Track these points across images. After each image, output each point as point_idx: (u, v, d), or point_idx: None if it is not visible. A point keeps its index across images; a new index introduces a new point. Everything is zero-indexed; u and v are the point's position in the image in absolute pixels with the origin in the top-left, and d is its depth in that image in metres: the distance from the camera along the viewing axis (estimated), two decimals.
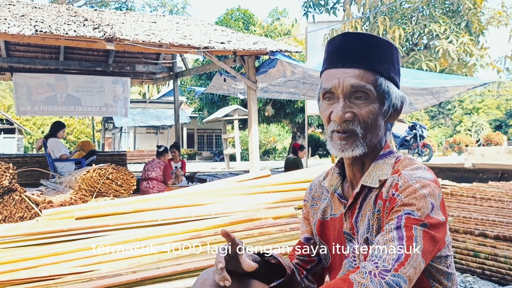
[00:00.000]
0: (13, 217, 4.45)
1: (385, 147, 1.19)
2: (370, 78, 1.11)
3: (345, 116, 1.10)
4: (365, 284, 0.94)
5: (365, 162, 1.18)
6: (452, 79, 7.76)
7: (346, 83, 1.10)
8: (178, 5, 20.18)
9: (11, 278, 2.36)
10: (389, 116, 1.17)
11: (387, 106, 1.14)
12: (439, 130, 38.02)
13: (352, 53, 1.12)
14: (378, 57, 1.13)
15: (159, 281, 2.19)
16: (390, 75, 1.14)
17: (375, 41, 1.14)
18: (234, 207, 3.46)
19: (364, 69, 1.11)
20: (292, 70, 6.66)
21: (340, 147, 1.13)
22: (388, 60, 1.14)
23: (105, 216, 3.21)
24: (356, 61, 1.11)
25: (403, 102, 1.17)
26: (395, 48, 1.18)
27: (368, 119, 1.11)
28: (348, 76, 1.10)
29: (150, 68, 9.63)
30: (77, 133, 31.10)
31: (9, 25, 4.96)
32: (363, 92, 1.10)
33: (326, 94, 1.15)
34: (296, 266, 1.33)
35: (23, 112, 9.31)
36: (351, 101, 1.11)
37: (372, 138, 1.13)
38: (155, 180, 6.64)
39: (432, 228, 1.02)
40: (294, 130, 23.28)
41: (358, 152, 1.12)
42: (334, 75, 1.12)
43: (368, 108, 1.11)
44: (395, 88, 1.15)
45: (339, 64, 1.12)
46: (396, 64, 1.17)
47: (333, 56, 1.15)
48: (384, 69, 1.13)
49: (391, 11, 10.82)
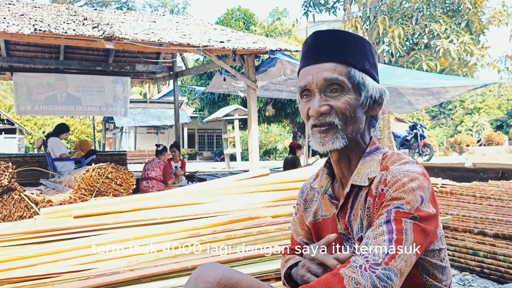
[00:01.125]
0: (12, 216, 4.45)
1: (371, 143, 1.18)
2: (343, 70, 1.11)
3: (321, 109, 1.11)
4: (356, 278, 0.94)
5: (351, 159, 1.17)
6: (452, 80, 7.75)
7: (320, 77, 1.11)
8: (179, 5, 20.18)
9: (8, 276, 2.35)
10: (369, 108, 1.16)
11: (364, 97, 1.13)
12: (440, 130, 37.96)
13: (323, 49, 1.13)
14: (351, 50, 1.13)
15: (157, 279, 2.18)
16: (365, 67, 1.14)
17: (346, 36, 1.15)
18: (232, 205, 3.45)
19: (336, 62, 1.12)
20: (292, 69, 6.65)
21: (320, 140, 1.13)
22: (361, 53, 1.14)
23: (103, 214, 3.20)
24: (328, 56, 1.12)
25: (382, 94, 1.17)
26: (367, 42, 1.18)
27: (346, 110, 1.11)
28: (320, 70, 1.12)
29: (150, 67, 9.62)
30: (78, 133, 31.12)
31: (8, 24, 4.95)
32: (337, 84, 1.11)
33: (304, 92, 1.16)
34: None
35: (23, 112, 9.32)
36: (326, 94, 1.12)
37: (353, 130, 1.13)
38: (154, 179, 6.64)
39: (422, 220, 1.01)
40: (295, 130, 23.27)
41: (339, 145, 1.12)
42: (308, 72, 1.14)
43: (344, 99, 1.11)
44: (371, 80, 1.15)
45: (311, 61, 1.14)
46: (370, 57, 1.17)
47: (307, 54, 1.16)
48: (357, 61, 1.13)
49: (391, 11, 10.81)
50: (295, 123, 22.26)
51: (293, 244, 1.39)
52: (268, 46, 6.23)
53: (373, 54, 1.19)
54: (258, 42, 6.50)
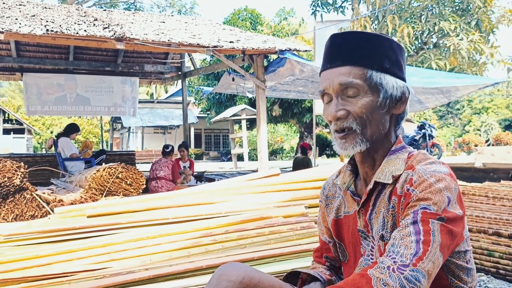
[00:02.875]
0: (24, 215, 4.49)
1: (397, 142, 1.17)
2: (358, 73, 1.10)
3: (337, 114, 1.11)
4: (384, 279, 0.93)
5: (375, 158, 1.17)
6: (463, 79, 7.69)
7: (335, 82, 1.12)
8: (187, 5, 20.22)
9: (23, 275, 2.37)
10: (390, 107, 1.14)
11: (382, 97, 1.12)
12: (447, 130, 37.73)
13: (339, 53, 1.13)
14: (367, 51, 1.12)
15: (171, 278, 2.18)
16: (384, 66, 1.12)
17: (363, 36, 1.13)
18: (244, 205, 3.45)
19: (350, 65, 1.11)
20: (301, 69, 6.65)
21: (341, 145, 1.14)
22: (379, 52, 1.13)
23: (116, 214, 3.22)
24: (342, 59, 1.12)
25: (404, 92, 1.15)
26: (387, 39, 1.15)
27: (363, 114, 1.10)
28: (336, 75, 1.12)
29: (158, 68, 9.66)
30: (85, 133, 31.30)
31: (20, 25, 5.00)
32: (352, 88, 1.10)
33: (324, 96, 1.17)
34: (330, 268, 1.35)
35: (33, 112, 9.40)
36: (344, 98, 1.12)
37: (373, 132, 1.12)
38: (163, 179, 6.66)
39: (449, 222, 1.00)
40: (302, 130, 23.24)
41: (360, 149, 1.12)
42: (325, 76, 1.15)
43: (361, 103, 1.10)
44: (391, 79, 1.13)
45: (328, 65, 1.15)
46: (392, 55, 1.14)
47: (324, 58, 1.17)
48: (374, 62, 1.12)
49: (400, 10, 10.76)
50: (301, 123, 22.22)
51: (320, 244, 1.40)
52: (277, 46, 6.23)
53: (395, 50, 1.16)
54: (268, 42, 6.50)
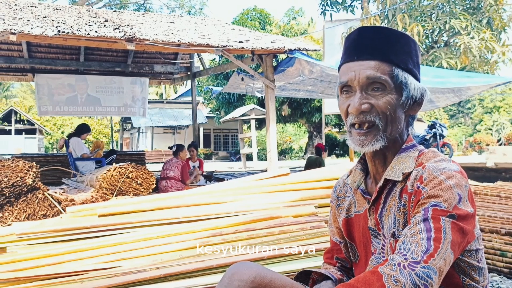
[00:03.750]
0: (36, 214, 4.54)
1: (408, 140, 1.17)
2: (386, 69, 1.10)
3: (361, 107, 1.10)
4: (395, 276, 0.93)
5: (387, 156, 1.16)
6: (474, 78, 7.59)
7: (362, 75, 1.10)
8: (196, 6, 20.28)
9: (36, 274, 2.39)
10: (409, 108, 1.15)
11: (405, 97, 1.12)
12: (458, 129, 37.36)
13: (367, 46, 1.12)
14: (394, 48, 1.12)
15: (182, 277, 2.20)
16: (408, 66, 1.13)
17: (391, 33, 1.13)
18: (253, 205, 3.45)
19: (379, 60, 1.10)
20: (310, 69, 6.63)
21: (360, 142, 1.12)
22: (405, 51, 1.13)
23: (127, 213, 3.24)
24: (372, 53, 1.11)
25: (423, 95, 1.16)
26: (413, 41, 1.16)
27: (386, 109, 1.10)
28: (363, 68, 1.10)
29: (168, 68, 9.71)
30: (96, 133, 31.57)
31: (32, 26, 5.05)
32: (379, 83, 1.10)
33: (344, 88, 1.15)
34: (341, 269, 1.34)
35: (44, 112, 9.50)
36: (367, 93, 1.11)
37: (392, 130, 1.12)
38: (173, 179, 6.69)
39: (460, 219, 1.00)
40: (311, 130, 23.19)
41: (378, 146, 1.11)
42: (350, 68, 1.13)
43: (385, 98, 1.10)
44: (413, 80, 1.14)
45: (355, 57, 1.13)
46: (414, 56, 1.15)
47: (350, 50, 1.15)
48: (401, 60, 1.12)
49: (410, 8, 10.68)
50: (310, 123, 22.18)
51: (331, 245, 1.39)
52: (286, 46, 6.22)
53: (417, 53, 1.17)
54: (277, 42, 6.50)
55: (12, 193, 4.39)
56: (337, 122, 23.32)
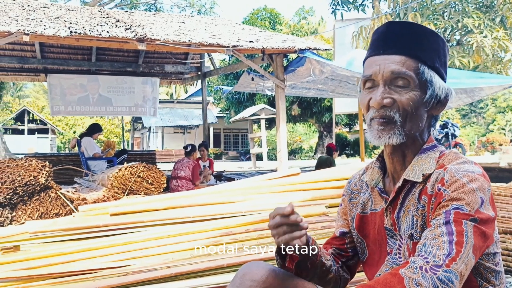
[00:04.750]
0: (49, 213, 4.59)
1: (429, 140, 1.15)
2: (411, 65, 1.08)
3: (383, 101, 1.08)
4: (417, 279, 0.92)
5: (406, 154, 1.14)
6: (487, 78, 7.49)
7: (387, 69, 1.08)
8: (206, 5, 20.35)
9: (49, 272, 2.42)
10: (432, 107, 1.12)
11: (429, 95, 1.10)
12: (471, 129, 36.94)
13: (394, 40, 1.10)
14: (421, 45, 1.10)
15: (193, 276, 2.20)
16: (435, 65, 1.11)
17: (419, 29, 1.12)
18: (264, 205, 3.45)
19: (406, 55, 1.08)
20: (321, 69, 6.61)
21: (377, 132, 1.10)
22: (433, 49, 1.11)
23: (138, 212, 3.26)
24: (398, 48, 1.09)
25: (447, 95, 1.13)
26: (441, 39, 1.14)
27: (408, 106, 1.08)
28: (389, 62, 1.09)
29: (178, 68, 9.76)
30: (107, 133, 31.85)
31: (44, 27, 5.11)
32: (403, 79, 1.08)
33: (367, 82, 1.13)
34: (332, 256, 1.32)
35: (57, 112, 9.60)
36: (391, 87, 1.09)
37: (412, 127, 1.10)
38: (184, 179, 6.71)
39: (482, 223, 0.98)
40: (321, 130, 23.12)
41: (395, 141, 1.09)
42: (375, 62, 1.11)
43: (409, 95, 1.08)
44: (439, 79, 1.12)
45: (380, 51, 1.11)
46: (442, 56, 1.13)
47: (376, 43, 1.13)
48: (428, 58, 1.10)
49: (422, 7, 10.59)
50: (321, 123, 22.11)
51: (331, 237, 1.37)
52: (297, 45, 6.21)
53: (445, 53, 1.15)
54: (287, 41, 6.49)
55: (25, 192, 4.45)
56: (347, 122, 23.22)
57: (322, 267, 1.22)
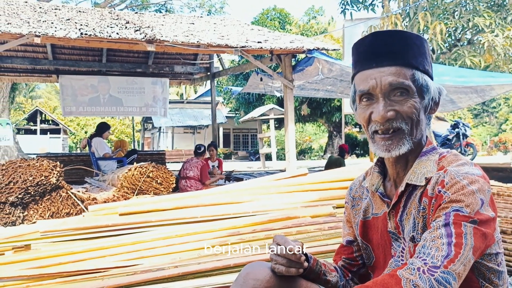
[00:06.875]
0: (60, 213, 4.65)
1: (428, 143, 1.16)
2: (407, 73, 1.09)
3: (387, 114, 1.08)
4: (414, 280, 0.93)
5: (408, 160, 1.15)
6: (498, 78, 7.40)
7: (384, 82, 1.08)
8: (216, 5, 20.39)
9: (59, 270, 2.46)
10: (430, 109, 1.15)
11: (427, 99, 1.12)
12: (483, 128, 36.50)
13: (385, 51, 1.10)
14: (412, 51, 1.11)
15: (200, 276, 2.22)
16: (425, 68, 1.12)
17: (406, 36, 1.12)
18: (271, 205, 3.46)
19: (400, 65, 1.09)
20: (330, 68, 6.60)
21: (386, 147, 1.11)
22: (421, 53, 1.12)
23: (146, 212, 3.29)
24: (391, 59, 1.10)
25: (440, 93, 1.16)
26: (425, 40, 1.16)
27: (412, 114, 1.09)
28: (385, 75, 1.09)
29: (188, 68, 9.81)
30: (118, 133, 32.12)
31: (56, 29, 5.18)
32: (402, 88, 1.09)
33: (364, 96, 1.13)
34: (342, 269, 1.33)
35: (68, 113, 9.71)
36: (391, 99, 1.09)
37: (417, 134, 1.12)
38: (193, 179, 6.75)
39: (482, 224, 0.99)
40: (331, 130, 23.05)
41: (405, 150, 1.10)
42: (370, 76, 1.11)
43: (410, 103, 1.09)
44: (430, 81, 1.13)
45: (373, 64, 1.11)
46: (428, 56, 1.15)
47: (366, 56, 1.13)
48: (419, 63, 1.11)
49: (432, 6, 10.50)
50: (330, 122, 22.05)
51: (339, 247, 1.39)
52: (305, 46, 6.21)
53: (429, 52, 1.17)
54: (295, 42, 6.49)
55: (37, 191, 4.51)
56: (357, 122, 23.11)
57: (327, 284, 1.23)
